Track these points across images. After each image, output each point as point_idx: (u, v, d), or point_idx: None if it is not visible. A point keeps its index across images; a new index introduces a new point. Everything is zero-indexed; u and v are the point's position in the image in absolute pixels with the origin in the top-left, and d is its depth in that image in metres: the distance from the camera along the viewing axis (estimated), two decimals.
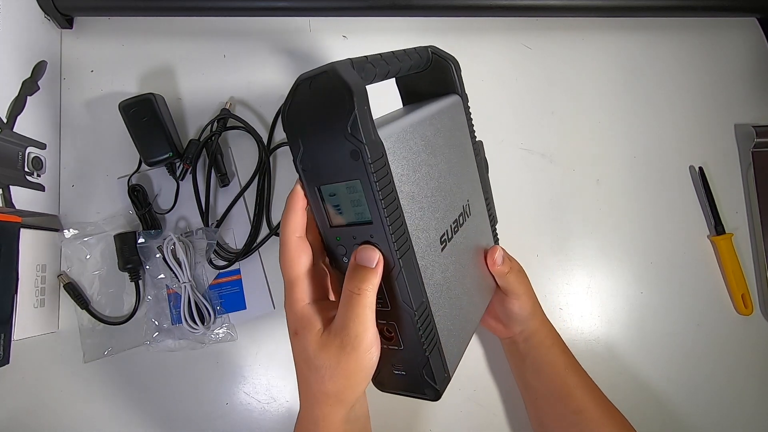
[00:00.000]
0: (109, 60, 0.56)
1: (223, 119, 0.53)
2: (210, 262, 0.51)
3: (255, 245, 0.52)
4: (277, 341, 0.51)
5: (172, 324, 0.49)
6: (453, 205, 0.36)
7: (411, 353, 0.31)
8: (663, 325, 0.56)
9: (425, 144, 0.33)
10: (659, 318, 0.56)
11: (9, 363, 0.42)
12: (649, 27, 0.64)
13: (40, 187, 0.49)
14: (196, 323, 0.48)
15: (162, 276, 0.50)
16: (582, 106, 0.61)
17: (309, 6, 0.56)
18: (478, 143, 0.42)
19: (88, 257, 0.51)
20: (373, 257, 0.28)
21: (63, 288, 0.49)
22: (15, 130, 0.46)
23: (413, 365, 0.32)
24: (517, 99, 0.60)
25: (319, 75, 0.26)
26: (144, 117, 0.49)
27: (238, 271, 0.52)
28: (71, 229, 0.50)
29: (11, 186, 0.45)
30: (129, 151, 0.51)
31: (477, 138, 0.43)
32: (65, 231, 0.50)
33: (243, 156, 0.54)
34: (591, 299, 0.56)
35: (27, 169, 0.47)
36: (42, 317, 0.48)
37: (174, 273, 0.48)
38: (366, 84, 0.29)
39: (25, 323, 0.45)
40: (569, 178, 0.58)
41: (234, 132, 0.54)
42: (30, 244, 0.46)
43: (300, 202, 0.30)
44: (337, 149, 0.26)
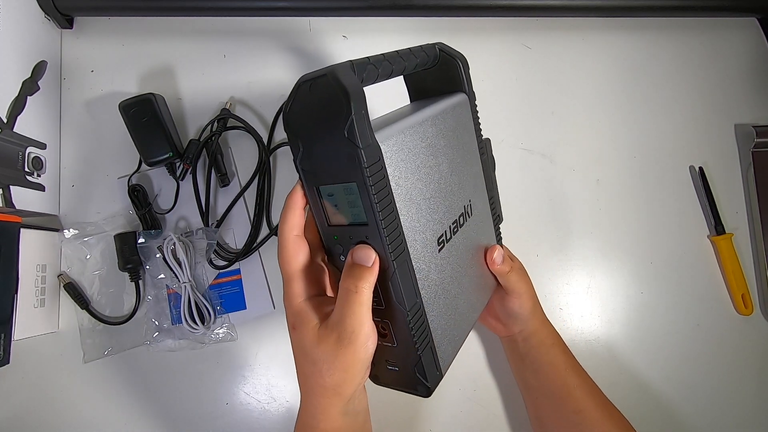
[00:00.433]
0: (109, 60, 0.56)
1: (223, 119, 0.53)
2: (210, 262, 0.51)
3: (255, 245, 0.52)
4: (277, 341, 0.51)
5: (172, 324, 0.49)
6: (453, 206, 0.36)
7: (404, 351, 0.32)
8: (663, 325, 0.56)
9: (426, 145, 0.33)
10: (659, 318, 0.56)
11: (9, 363, 0.42)
12: (649, 27, 0.64)
13: (40, 187, 0.49)
14: (196, 323, 0.48)
15: (162, 276, 0.50)
16: (582, 106, 0.61)
17: (309, 6, 0.56)
18: (484, 141, 0.42)
19: (88, 257, 0.51)
20: (370, 256, 0.29)
21: (63, 288, 0.49)
22: (15, 130, 0.46)
23: (406, 362, 0.32)
24: (517, 99, 0.60)
25: (319, 78, 0.27)
26: (144, 117, 0.49)
27: (238, 271, 0.52)
28: (71, 229, 0.50)
29: (11, 186, 0.45)
30: (129, 151, 0.51)
31: (483, 136, 0.42)
32: (65, 231, 0.50)
33: (243, 156, 0.54)
34: (591, 299, 0.56)
35: (27, 169, 0.47)
36: (42, 317, 0.48)
37: (174, 273, 0.49)
38: (367, 85, 0.29)
39: (25, 323, 0.45)
40: (569, 178, 0.58)
41: (234, 132, 0.54)
42: (30, 244, 0.46)
43: (299, 201, 0.30)
44: (335, 152, 0.27)
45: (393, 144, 0.30)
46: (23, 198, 0.46)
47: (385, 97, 0.40)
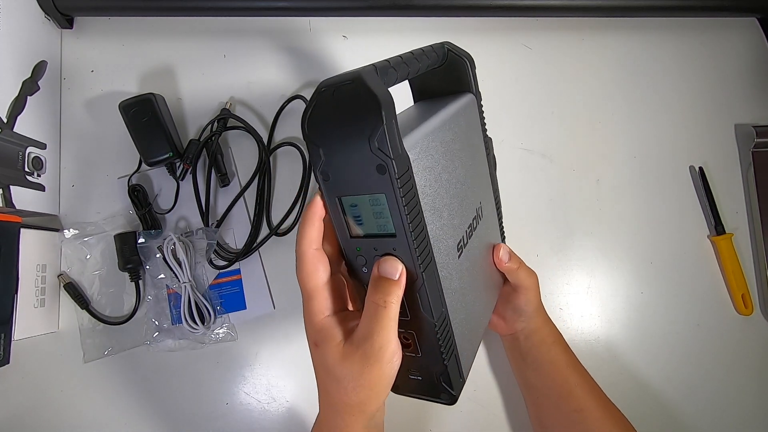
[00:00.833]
0: (109, 60, 0.56)
1: (223, 119, 0.53)
2: (210, 262, 0.51)
3: (255, 245, 0.52)
4: (277, 341, 0.51)
5: (172, 324, 0.49)
6: (468, 210, 0.36)
7: (429, 360, 0.31)
8: (663, 325, 0.56)
9: (444, 150, 0.32)
10: (659, 318, 0.56)
11: (9, 363, 0.42)
12: (649, 27, 0.64)
13: (40, 187, 0.49)
14: (196, 323, 0.48)
15: (162, 276, 0.50)
16: (582, 106, 0.61)
17: (309, 6, 0.56)
18: (487, 140, 0.42)
19: (88, 257, 0.51)
20: (397, 269, 0.28)
21: (63, 288, 0.49)
22: (15, 130, 0.46)
23: (430, 371, 0.31)
24: (517, 99, 0.60)
25: (345, 84, 0.25)
26: (144, 117, 0.49)
27: (238, 271, 0.52)
28: (71, 229, 0.50)
29: (11, 186, 0.45)
30: (129, 151, 0.51)
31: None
32: (65, 231, 0.50)
33: (243, 156, 0.54)
34: (591, 299, 0.56)
35: (27, 169, 0.47)
36: (42, 317, 0.48)
37: (174, 273, 0.49)
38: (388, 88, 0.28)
39: (26, 323, 0.45)
40: (569, 178, 0.58)
41: (234, 132, 0.54)
42: (30, 244, 0.46)
43: (318, 213, 0.29)
44: (362, 162, 0.25)
45: (418, 151, 0.29)
46: (23, 198, 0.46)
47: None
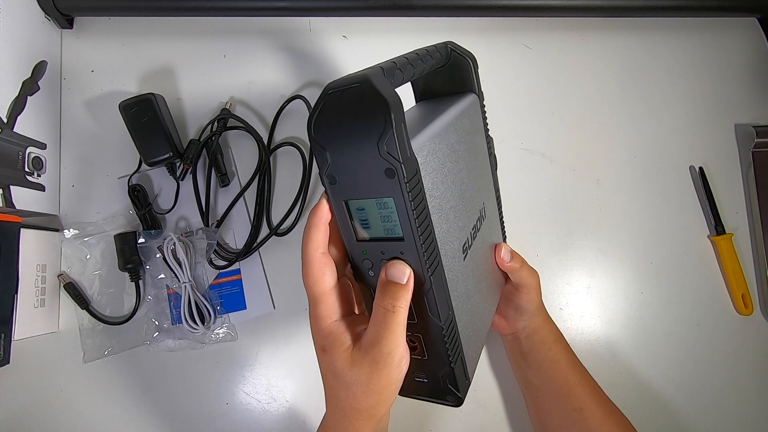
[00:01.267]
0: (109, 60, 0.56)
1: (223, 119, 0.53)
2: (210, 262, 0.51)
3: (255, 245, 0.52)
4: (277, 341, 0.51)
5: (172, 324, 0.49)
6: (472, 211, 0.36)
7: (435, 363, 0.31)
8: (663, 325, 0.56)
9: (450, 152, 0.32)
10: (659, 318, 0.56)
11: (9, 363, 0.42)
12: (649, 27, 0.64)
13: (40, 187, 0.49)
14: (196, 323, 0.48)
15: (162, 276, 0.50)
16: (582, 106, 0.61)
17: (309, 6, 0.56)
18: (489, 140, 0.42)
19: (88, 257, 0.51)
20: (405, 273, 0.28)
21: (63, 288, 0.49)
22: (15, 130, 0.46)
23: (436, 374, 0.31)
24: (517, 99, 0.60)
25: (352, 86, 0.25)
26: (144, 117, 0.49)
27: (238, 271, 0.52)
28: (71, 229, 0.50)
29: (11, 186, 0.45)
30: (129, 151, 0.51)
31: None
32: (65, 231, 0.50)
33: (243, 156, 0.54)
34: (591, 299, 0.56)
35: (27, 169, 0.47)
36: (42, 317, 0.48)
37: (174, 273, 0.49)
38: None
39: (26, 323, 0.45)
40: (569, 178, 0.58)
41: (234, 132, 0.54)
42: (30, 244, 0.46)
43: (324, 217, 0.29)
44: (370, 166, 0.25)
45: (426, 154, 0.28)
46: (23, 198, 0.46)
47: None
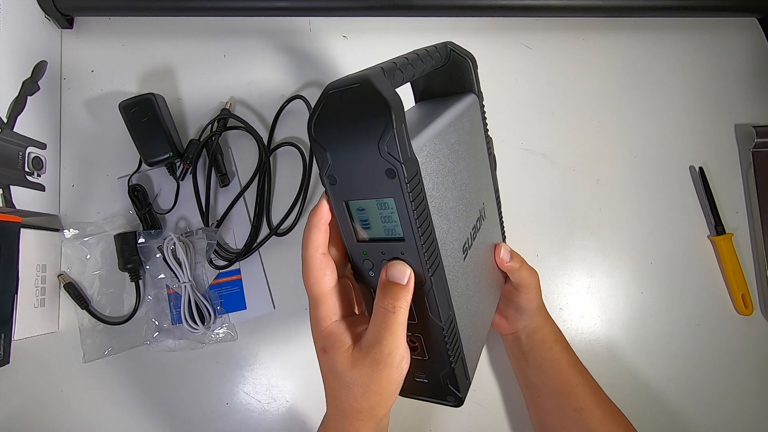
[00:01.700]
0: (109, 60, 0.56)
1: (223, 119, 0.53)
2: (210, 262, 0.51)
3: (255, 245, 0.52)
4: (277, 341, 0.51)
5: (172, 324, 0.49)
6: (472, 211, 0.36)
7: (436, 363, 0.31)
8: (663, 325, 0.56)
9: (450, 152, 0.32)
10: (659, 318, 0.56)
11: (9, 363, 0.42)
12: (650, 27, 0.64)
13: (40, 187, 0.49)
14: (196, 323, 0.48)
15: (162, 276, 0.50)
16: (582, 106, 0.61)
17: (309, 6, 0.56)
18: (488, 140, 0.42)
19: (88, 257, 0.51)
20: (405, 273, 0.28)
21: (63, 288, 0.49)
22: (15, 130, 0.46)
23: (437, 374, 0.31)
24: (517, 99, 0.60)
25: (353, 86, 0.25)
26: (144, 117, 0.49)
27: (238, 271, 0.52)
28: (71, 229, 0.50)
29: (11, 186, 0.45)
30: (129, 151, 0.51)
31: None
32: (65, 231, 0.50)
33: (243, 156, 0.54)
34: (591, 299, 0.56)
35: (27, 169, 0.47)
36: (42, 317, 0.48)
37: (174, 273, 0.49)
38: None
39: (26, 323, 0.45)
40: (569, 178, 0.58)
41: (234, 132, 0.54)
42: (30, 244, 0.46)
43: (324, 217, 0.29)
44: (371, 166, 0.25)
45: (426, 155, 0.28)
46: (23, 198, 0.46)
47: None
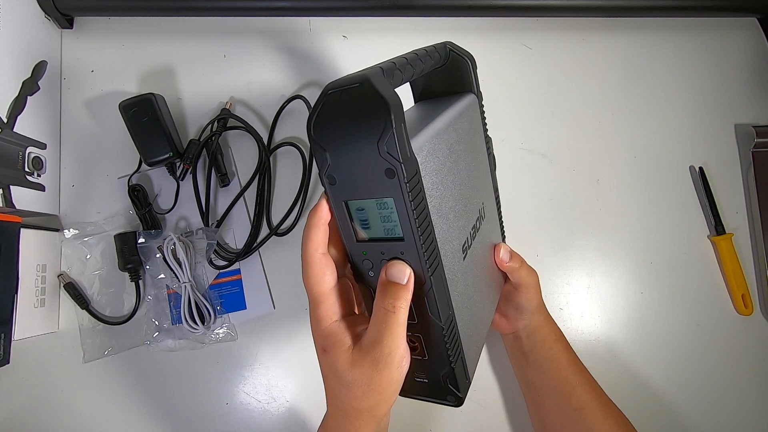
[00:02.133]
0: (109, 60, 0.56)
1: (223, 119, 0.53)
2: (210, 262, 0.51)
3: (255, 245, 0.52)
4: (277, 341, 0.51)
5: (172, 324, 0.49)
6: (472, 211, 0.36)
7: (435, 363, 0.31)
8: (663, 325, 0.56)
9: (449, 152, 0.32)
10: (659, 318, 0.56)
11: (9, 363, 0.42)
12: (649, 27, 0.64)
13: (40, 187, 0.49)
14: (196, 323, 0.48)
15: (162, 276, 0.50)
16: (582, 106, 0.61)
17: (309, 6, 0.56)
18: (488, 139, 0.42)
19: (88, 257, 0.51)
20: (405, 273, 0.28)
21: (63, 288, 0.49)
22: (15, 130, 0.46)
23: (436, 374, 0.31)
24: (517, 99, 0.60)
25: (352, 86, 0.24)
26: (144, 117, 0.49)
27: (238, 271, 0.52)
28: (71, 229, 0.50)
29: (11, 186, 0.45)
30: (129, 151, 0.51)
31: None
32: (65, 231, 0.50)
33: (243, 156, 0.54)
34: (591, 299, 0.56)
35: (27, 169, 0.47)
36: (42, 317, 0.48)
37: (174, 273, 0.49)
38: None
39: (26, 323, 0.45)
40: (569, 178, 0.58)
41: (234, 132, 0.54)
42: (30, 244, 0.46)
43: (324, 217, 0.29)
44: (370, 166, 0.25)
45: (425, 154, 0.28)
46: (23, 198, 0.46)
47: None
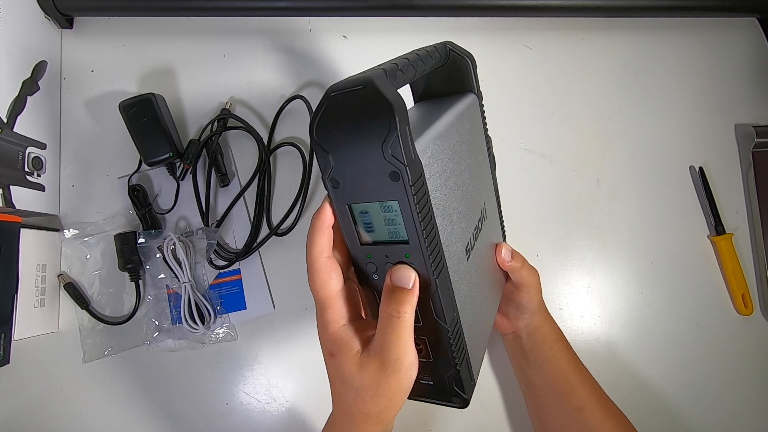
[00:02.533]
0: (109, 60, 0.56)
1: (223, 119, 0.53)
2: (210, 262, 0.51)
3: (255, 245, 0.52)
4: (277, 341, 0.51)
5: (172, 324, 0.49)
6: (474, 212, 0.36)
7: (441, 365, 0.31)
8: (663, 325, 0.56)
9: (452, 153, 0.32)
10: (659, 318, 0.56)
11: (9, 363, 0.42)
12: (649, 27, 0.64)
13: (40, 187, 0.49)
14: (196, 323, 0.48)
15: (162, 276, 0.50)
16: (582, 106, 0.61)
17: (309, 6, 0.56)
18: (488, 139, 0.42)
19: (88, 257, 0.51)
20: (410, 277, 0.27)
21: (63, 288, 0.49)
22: (15, 130, 0.46)
23: (442, 376, 0.31)
24: (518, 99, 0.60)
25: (355, 89, 0.24)
26: (144, 117, 0.49)
27: (238, 271, 0.52)
28: (71, 229, 0.50)
29: (11, 186, 0.45)
30: (129, 151, 0.51)
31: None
32: (65, 231, 0.50)
33: (243, 156, 0.54)
34: (591, 299, 0.56)
35: (27, 169, 0.47)
36: (42, 317, 0.48)
37: (174, 273, 0.49)
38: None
39: (26, 323, 0.45)
40: (569, 178, 0.58)
41: (234, 132, 0.54)
42: (30, 244, 0.46)
43: (327, 221, 0.28)
44: (374, 169, 0.25)
45: (429, 156, 0.28)
46: (23, 198, 0.46)
47: None
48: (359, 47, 0.59)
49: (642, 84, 0.62)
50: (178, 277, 0.48)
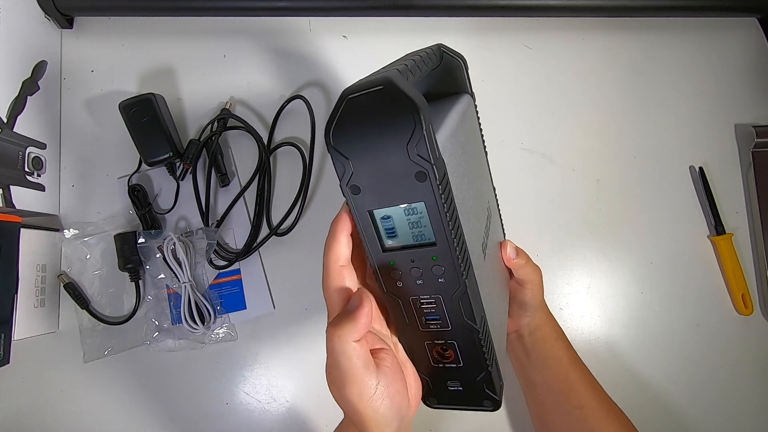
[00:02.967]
0: (109, 60, 0.56)
1: (223, 119, 0.53)
2: (210, 262, 0.51)
3: (255, 245, 0.52)
4: (278, 341, 0.51)
5: (172, 324, 0.49)
6: (483, 210, 0.36)
7: (472, 369, 0.30)
8: (663, 325, 0.56)
9: (462, 152, 0.32)
10: (659, 318, 0.56)
11: (9, 363, 0.42)
12: (649, 27, 0.64)
13: (40, 187, 0.49)
14: (196, 323, 0.48)
15: (162, 276, 0.50)
16: (582, 106, 0.61)
17: (309, 6, 0.56)
18: (482, 138, 0.42)
19: (88, 257, 0.51)
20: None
21: (63, 288, 0.49)
22: (15, 130, 0.46)
23: (472, 379, 0.31)
24: (518, 99, 0.60)
25: (375, 90, 0.23)
26: (144, 117, 0.49)
27: (238, 271, 0.52)
28: (71, 229, 0.50)
29: (11, 186, 0.45)
30: (129, 151, 0.51)
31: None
32: (65, 231, 0.50)
33: (243, 156, 0.54)
34: (591, 299, 0.56)
35: (27, 169, 0.47)
36: (42, 317, 0.48)
37: (174, 273, 0.49)
38: None
39: (25, 323, 0.45)
40: (569, 178, 0.58)
41: (234, 132, 0.54)
42: (30, 244, 0.46)
43: (345, 229, 0.28)
44: (399, 171, 0.24)
45: (448, 155, 0.28)
46: (23, 198, 0.46)
47: None
48: (359, 47, 0.59)
49: (642, 84, 0.62)
50: (178, 277, 0.48)
